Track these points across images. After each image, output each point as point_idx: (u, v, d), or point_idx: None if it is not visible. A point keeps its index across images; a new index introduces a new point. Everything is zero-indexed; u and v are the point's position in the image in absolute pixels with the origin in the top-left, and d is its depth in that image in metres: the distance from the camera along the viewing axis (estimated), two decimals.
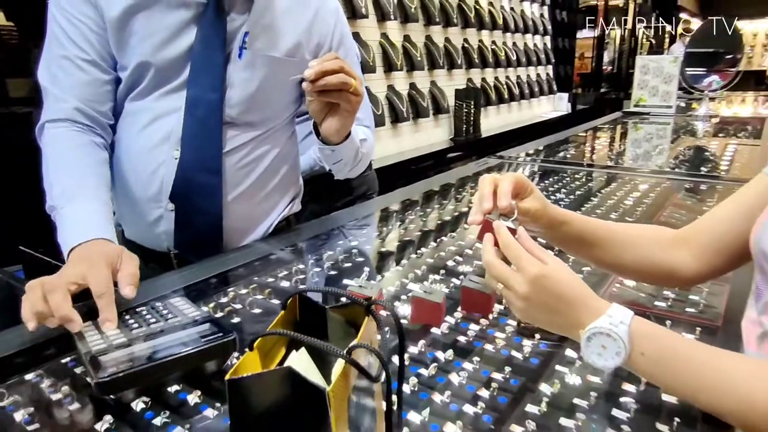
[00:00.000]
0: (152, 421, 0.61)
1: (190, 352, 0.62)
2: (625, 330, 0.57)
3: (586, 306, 0.60)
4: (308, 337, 0.39)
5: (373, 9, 3.36)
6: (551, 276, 0.60)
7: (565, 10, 6.25)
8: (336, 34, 1.12)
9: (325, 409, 0.37)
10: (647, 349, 0.57)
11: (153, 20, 0.97)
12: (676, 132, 3.02)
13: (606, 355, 0.58)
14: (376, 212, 1.47)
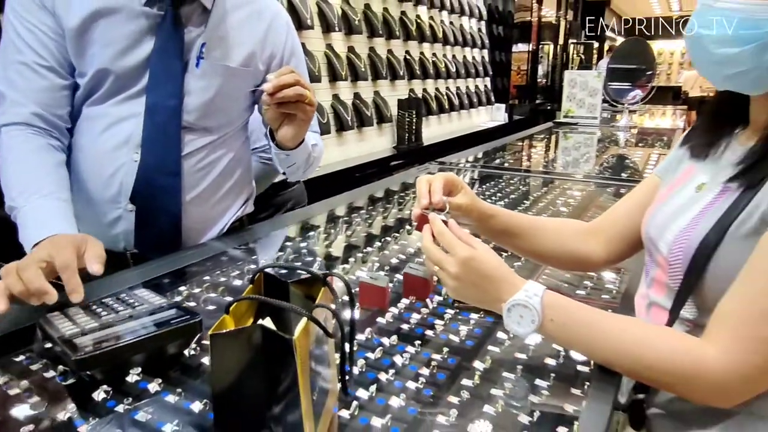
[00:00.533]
0: (115, 409, 0.65)
1: (160, 331, 0.69)
2: (538, 301, 0.68)
3: (507, 283, 0.71)
4: (277, 300, 0.47)
5: (318, 20, 3.45)
6: (478, 258, 0.71)
7: (501, 25, 6.55)
8: (288, 46, 1.20)
9: (292, 356, 0.45)
10: (555, 316, 0.69)
11: (112, 29, 1.02)
12: (601, 141, 3.27)
13: (523, 323, 0.69)
14: (323, 215, 1.55)
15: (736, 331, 0.61)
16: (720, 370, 0.61)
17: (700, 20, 0.68)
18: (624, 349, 0.67)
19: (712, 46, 0.67)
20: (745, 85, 0.69)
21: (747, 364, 0.60)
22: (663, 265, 0.75)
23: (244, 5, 1.15)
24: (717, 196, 0.70)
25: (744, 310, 0.61)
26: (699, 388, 0.64)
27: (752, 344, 0.60)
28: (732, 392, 0.63)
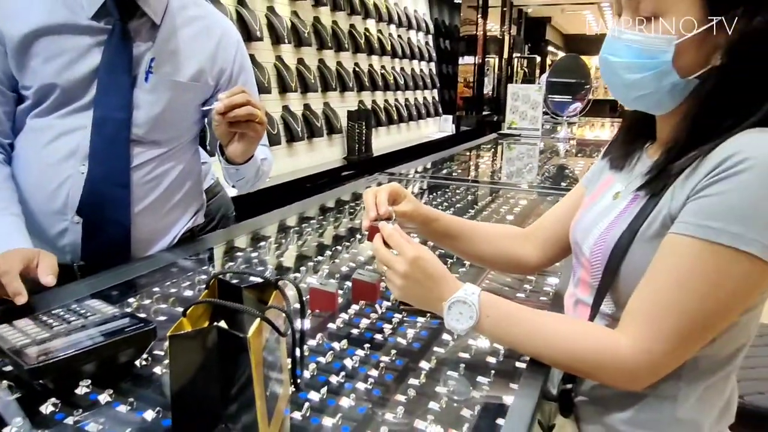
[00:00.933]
0: (64, 421, 0.64)
1: (115, 339, 0.70)
2: (476, 299, 0.75)
3: (448, 283, 0.77)
4: (231, 303, 0.51)
5: (268, 33, 3.47)
6: (424, 257, 0.77)
7: (448, 39, 6.75)
8: (237, 62, 1.23)
9: (247, 354, 0.49)
10: (491, 313, 0.75)
11: (57, 44, 1.03)
12: (543, 152, 3.42)
13: (462, 319, 0.75)
14: (274, 225, 1.57)
15: (643, 323, 0.69)
16: (630, 357, 0.69)
17: (610, 49, 0.76)
18: (549, 341, 0.74)
19: (621, 71, 0.75)
20: (649, 106, 0.77)
21: (653, 352, 0.68)
22: (586, 266, 0.83)
23: (194, 22, 1.17)
24: (629, 203, 0.79)
25: (649, 304, 0.69)
26: (613, 374, 0.71)
27: (656, 334, 0.68)
28: (641, 376, 0.70)
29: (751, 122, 0.67)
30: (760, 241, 0.63)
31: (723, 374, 0.75)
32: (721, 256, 0.64)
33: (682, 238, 0.67)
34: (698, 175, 0.67)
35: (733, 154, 0.65)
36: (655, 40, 0.70)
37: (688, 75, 0.71)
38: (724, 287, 0.65)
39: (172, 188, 1.20)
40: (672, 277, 0.67)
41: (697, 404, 0.75)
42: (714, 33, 0.68)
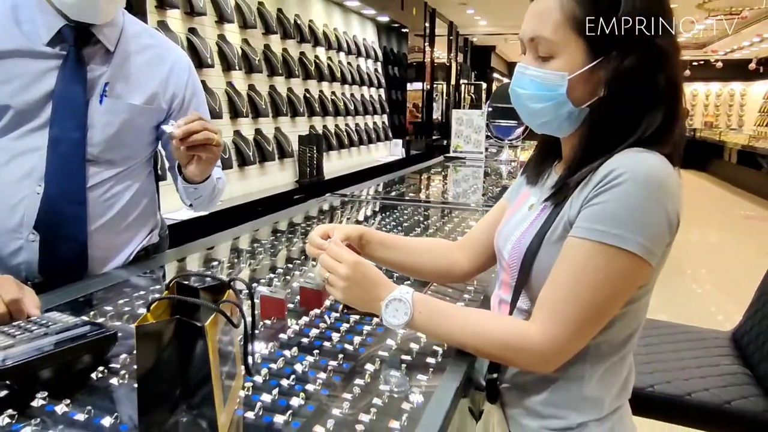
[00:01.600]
0: (21, 431, 0.66)
1: (79, 342, 0.76)
2: (410, 297, 0.86)
3: (385, 286, 0.88)
4: (191, 298, 0.59)
5: (219, 60, 3.54)
6: (363, 262, 0.89)
7: (396, 66, 6.98)
8: (189, 87, 1.31)
9: (204, 341, 0.57)
10: (423, 309, 0.86)
11: (11, 68, 1.08)
12: (487, 174, 3.61)
13: (398, 315, 0.86)
14: (227, 244, 1.64)
15: (548, 313, 0.81)
16: (539, 342, 0.81)
17: (518, 82, 0.89)
18: (473, 333, 0.86)
19: (526, 101, 0.88)
20: (552, 130, 0.91)
21: (558, 336, 0.80)
22: (507, 269, 0.95)
23: (148, 49, 1.25)
24: (539, 213, 0.91)
25: (553, 298, 0.81)
26: (526, 357, 0.83)
27: (560, 321, 0.80)
28: (549, 359, 0.82)
29: (629, 143, 0.81)
30: (636, 240, 0.76)
31: (620, 356, 0.88)
32: (607, 254, 0.77)
33: (577, 240, 0.80)
34: (589, 187, 0.81)
35: (613, 169, 0.78)
36: (551, 76, 0.84)
37: (581, 104, 0.85)
38: (611, 280, 0.78)
39: (128, 207, 1.26)
40: (570, 274, 0.80)
41: (599, 383, 0.87)
42: (597, 71, 0.82)
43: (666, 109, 0.81)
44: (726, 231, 6.90)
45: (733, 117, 17.73)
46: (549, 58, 0.84)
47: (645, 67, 0.80)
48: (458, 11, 9.93)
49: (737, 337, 1.65)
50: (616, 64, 0.80)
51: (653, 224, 0.77)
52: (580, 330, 0.80)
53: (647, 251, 0.77)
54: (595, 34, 0.80)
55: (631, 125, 0.82)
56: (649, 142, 0.80)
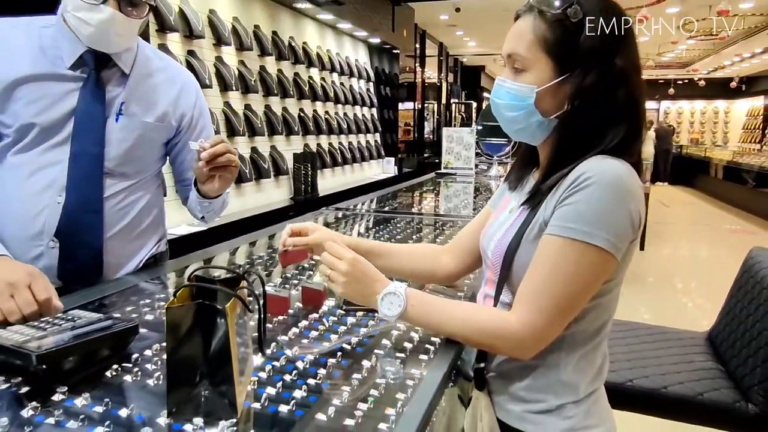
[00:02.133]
0: (45, 421, 0.72)
1: (106, 332, 0.85)
2: (403, 291, 0.95)
3: (381, 282, 0.98)
4: (211, 285, 0.68)
5: (216, 80, 3.66)
6: (360, 259, 0.98)
7: (388, 86, 7.14)
8: (197, 107, 1.42)
9: (225, 321, 0.66)
10: (415, 303, 0.95)
11: (38, 90, 1.18)
12: (477, 189, 3.72)
13: (392, 307, 0.95)
14: (225, 255, 1.72)
15: (526, 304, 0.91)
16: (518, 329, 0.90)
17: (495, 93, 1.00)
18: (459, 322, 0.95)
19: (503, 111, 0.99)
20: (527, 137, 1.02)
21: (535, 324, 0.89)
22: (491, 267, 1.05)
23: (160, 71, 1.36)
24: (518, 215, 1.02)
25: (530, 290, 0.91)
26: (506, 344, 0.92)
27: (537, 310, 0.89)
28: (527, 345, 0.92)
29: (596, 151, 0.92)
30: (603, 236, 0.86)
31: (593, 345, 0.97)
32: (578, 249, 0.87)
33: (551, 238, 0.90)
34: (561, 190, 0.91)
35: (582, 173, 0.89)
36: (521, 88, 0.95)
37: (549, 115, 0.96)
38: (581, 273, 0.88)
39: (139, 217, 1.35)
40: (545, 268, 0.90)
41: (575, 369, 0.96)
42: (563, 86, 0.93)
43: (628, 122, 0.92)
44: (713, 245, 7.04)
45: (717, 134, 18.11)
46: (522, 72, 0.95)
47: (605, 84, 0.91)
48: (448, 32, 10.18)
49: (712, 337, 1.75)
50: (578, 81, 0.91)
51: (617, 222, 0.87)
52: (554, 318, 0.90)
53: (613, 246, 0.87)
54: (560, 54, 0.92)
55: (596, 136, 0.92)
56: (615, 152, 0.91)
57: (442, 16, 8.51)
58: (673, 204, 10.27)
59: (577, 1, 0.91)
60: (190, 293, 0.71)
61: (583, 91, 0.91)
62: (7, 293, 0.95)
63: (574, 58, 0.91)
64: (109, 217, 1.27)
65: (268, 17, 4.46)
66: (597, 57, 0.90)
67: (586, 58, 0.90)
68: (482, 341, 0.96)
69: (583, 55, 0.90)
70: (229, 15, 3.89)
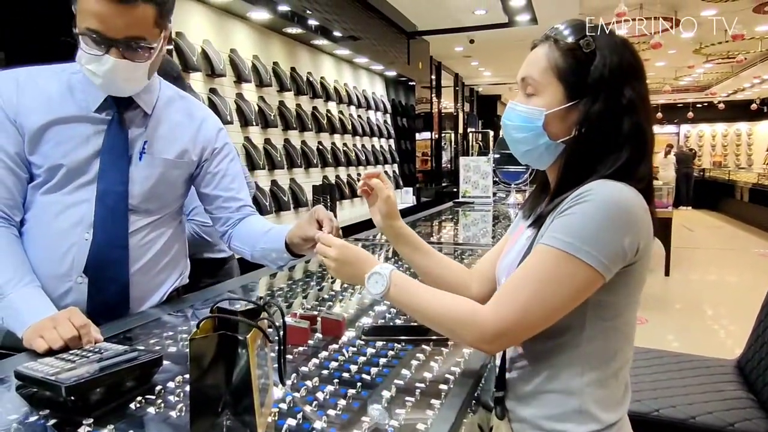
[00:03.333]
0: None
1: (133, 363, 0.87)
2: (388, 272, 0.99)
3: (368, 262, 1.03)
4: (233, 317, 0.70)
5: (237, 116, 3.76)
6: (349, 246, 1.06)
7: (405, 117, 7.24)
8: (219, 143, 1.45)
9: (247, 351, 0.68)
10: (398, 283, 0.99)
11: (66, 132, 1.24)
12: (495, 217, 3.72)
13: (377, 286, 1.00)
14: (246, 287, 1.75)
15: (501, 297, 0.92)
16: (487, 320, 0.91)
17: (507, 115, 1.04)
18: (432, 305, 0.97)
19: (513, 132, 1.02)
20: (533, 160, 1.04)
21: (503, 316, 0.90)
22: None
23: (180, 111, 1.41)
24: (528, 242, 1.03)
25: (508, 287, 0.93)
26: (469, 331, 0.93)
27: (507, 305, 0.90)
28: (487, 338, 0.92)
29: (598, 176, 0.94)
30: (586, 250, 0.87)
31: (611, 371, 0.96)
32: (558, 258, 0.89)
33: (539, 246, 0.92)
34: (562, 207, 0.93)
35: (584, 191, 0.91)
36: (531, 110, 0.99)
37: (556, 139, 0.99)
38: (559, 280, 0.89)
39: (163, 251, 1.38)
40: (525, 270, 0.92)
41: (594, 398, 0.94)
42: (572, 112, 0.96)
43: (631, 149, 0.94)
44: (742, 269, 6.86)
45: (741, 156, 17.84)
46: (533, 96, 1.00)
47: (611, 112, 0.94)
48: (463, 63, 10.32)
49: (741, 365, 1.70)
50: (586, 107, 0.95)
51: (606, 242, 0.88)
52: (523, 316, 0.90)
53: (599, 263, 0.87)
54: (570, 81, 0.96)
55: (598, 161, 0.95)
56: (617, 176, 0.93)
57: (456, 48, 8.65)
58: (697, 228, 10.07)
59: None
60: (212, 324, 0.73)
61: (590, 117, 0.95)
62: (50, 326, 1.04)
63: (583, 86, 0.95)
64: (134, 252, 1.30)
65: (287, 54, 4.59)
66: (605, 86, 0.94)
67: (595, 87, 0.94)
68: (448, 325, 0.96)
69: (592, 83, 0.95)
70: (249, 53, 4.03)
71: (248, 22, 4.03)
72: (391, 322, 1.34)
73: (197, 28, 3.51)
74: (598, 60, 0.95)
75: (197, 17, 3.54)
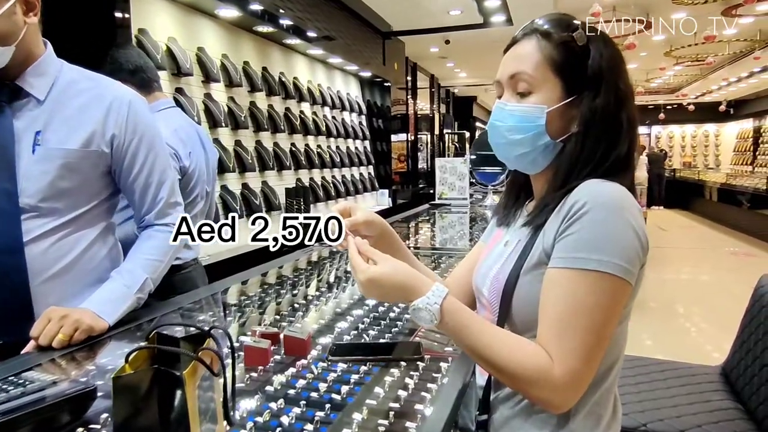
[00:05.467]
0: None
1: (60, 399, 0.75)
2: (438, 307, 0.84)
3: (414, 290, 0.86)
4: (169, 347, 0.59)
5: (205, 117, 3.62)
6: (378, 278, 0.86)
7: (381, 118, 7.15)
8: (129, 125, 1.26)
9: (183, 390, 0.57)
10: (450, 320, 0.85)
11: None
12: (472, 219, 3.65)
13: (424, 321, 0.85)
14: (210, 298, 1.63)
15: (556, 349, 0.80)
16: (559, 377, 0.79)
17: (497, 116, 0.94)
18: (496, 352, 0.83)
19: (507, 134, 0.93)
20: (526, 164, 0.95)
21: (573, 370, 0.79)
22: (487, 306, 0.96)
23: (84, 92, 1.24)
24: (514, 247, 0.94)
25: (556, 331, 0.81)
26: (542, 392, 0.81)
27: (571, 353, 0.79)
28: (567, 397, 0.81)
29: (596, 174, 0.87)
30: (613, 262, 0.80)
31: (605, 388, 0.89)
32: (591, 279, 0.80)
33: (560, 271, 0.82)
34: (559, 218, 0.85)
35: (576, 201, 0.83)
36: (531, 109, 0.91)
37: (556, 138, 0.91)
38: (601, 303, 0.80)
39: (83, 259, 1.23)
40: (561, 306, 0.81)
41: (586, 417, 0.87)
42: (571, 108, 0.90)
43: (629, 143, 0.90)
44: (715, 268, 6.95)
45: (709, 157, 18.25)
46: (528, 94, 0.91)
47: (612, 106, 0.89)
48: (438, 64, 10.28)
49: (726, 372, 1.65)
50: (589, 102, 0.89)
51: (625, 245, 0.81)
52: (590, 358, 0.81)
53: (625, 272, 0.80)
54: (568, 74, 0.89)
55: (600, 158, 0.88)
56: (612, 175, 0.87)
57: (432, 49, 8.60)
58: (670, 228, 10.22)
59: (580, 26, 0.91)
60: (147, 356, 0.62)
61: (594, 111, 0.88)
62: None
63: (581, 80, 0.89)
64: (38, 260, 1.16)
65: (258, 53, 4.46)
66: (603, 79, 0.89)
67: (595, 80, 0.89)
68: (511, 378, 0.84)
69: (592, 76, 0.89)
70: (218, 52, 3.88)
71: (217, 19, 3.88)
72: (364, 334, 1.24)
73: (162, 26, 3.36)
74: (594, 52, 0.89)
75: (162, 14, 3.39)
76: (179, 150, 1.83)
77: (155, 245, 1.33)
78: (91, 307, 1.18)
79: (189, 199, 1.89)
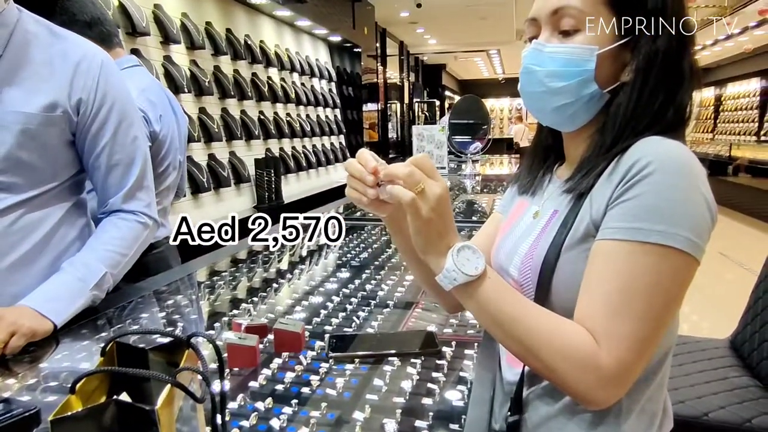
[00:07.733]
0: None
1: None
2: (483, 261, 0.70)
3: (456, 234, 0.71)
4: (132, 369, 0.42)
5: (166, 81, 3.34)
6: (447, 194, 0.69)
7: (351, 86, 6.90)
8: (100, 91, 1.08)
9: (156, 429, 0.40)
10: (494, 276, 0.71)
11: None
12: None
13: (469, 265, 0.69)
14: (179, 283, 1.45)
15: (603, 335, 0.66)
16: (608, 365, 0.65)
17: (534, 60, 0.77)
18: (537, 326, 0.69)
19: (545, 80, 0.76)
20: (563, 119, 0.79)
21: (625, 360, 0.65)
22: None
23: (48, 48, 1.04)
24: (548, 220, 0.79)
25: (602, 315, 0.67)
26: (587, 378, 0.66)
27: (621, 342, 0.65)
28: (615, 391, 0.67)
29: (653, 132, 0.72)
30: (681, 234, 0.65)
31: (657, 382, 0.76)
32: (653, 254, 0.66)
33: (613, 243, 0.68)
34: (612, 183, 0.70)
35: (637, 160, 0.68)
36: (579, 50, 0.74)
37: (604, 87, 0.75)
38: (662, 283, 0.66)
39: (50, 240, 1.06)
40: (614, 284, 0.67)
41: (639, 416, 0.75)
42: (624, 51, 0.74)
43: (690, 96, 0.75)
44: None
45: None
46: (573, 33, 0.75)
47: (675, 49, 0.73)
48: (408, 30, 10.04)
49: (736, 345, 1.57)
50: (648, 44, 0.73)
51: (697, 215, 0.67)
52: (643, 347, 0.66)
53: (695, 247, 0.66)
54: (624, 8, 0.73)
55: (659, 111, 0.73)
56: (670, 131, 0.72)
57: (402, 13, 8.34)
58: None
59: None
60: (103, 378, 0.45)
61: (648, 58, 0.72)
62: None
63: (641, 17, 0.73)
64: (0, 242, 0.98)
65: (221, 14, 4.15)
66: (668, 15, 0.73)
67: (656, 16, 0.73)
68: (552, 359, 0.68)
69: (653, 11, 0.73)
70: (177, 11, 3.58)
71: None
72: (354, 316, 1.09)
73: None
74: None
75: None
76: (148, 112, 1.60)
77: (119, 236, 1.13)
78: (32, 304, 0.98)
79: (160, 169, 1.67)
